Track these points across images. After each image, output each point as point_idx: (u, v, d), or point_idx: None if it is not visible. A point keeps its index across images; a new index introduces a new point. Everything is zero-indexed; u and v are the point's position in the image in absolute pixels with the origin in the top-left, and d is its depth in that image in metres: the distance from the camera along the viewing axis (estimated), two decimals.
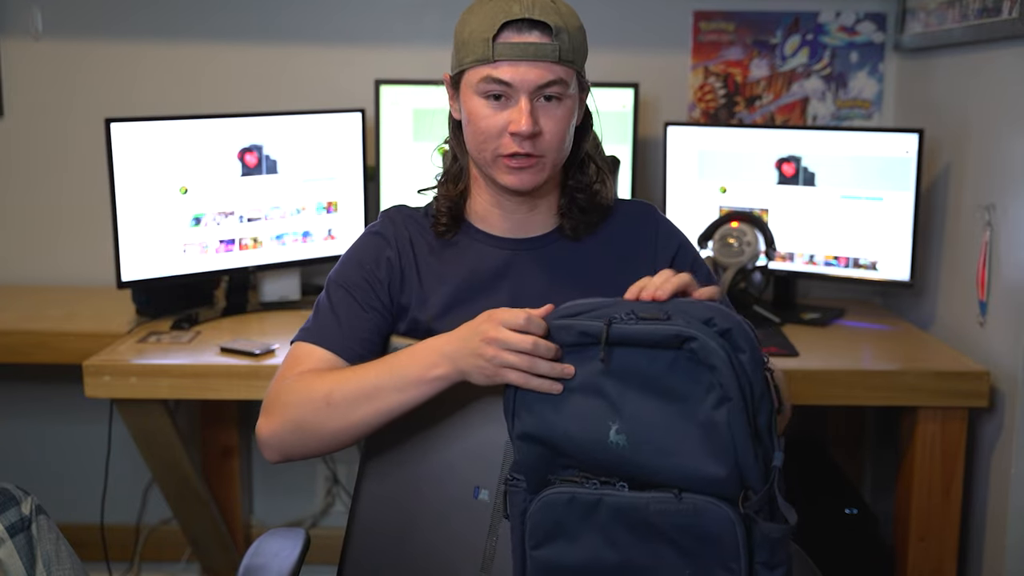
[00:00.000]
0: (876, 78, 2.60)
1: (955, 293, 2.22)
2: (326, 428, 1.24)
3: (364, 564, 1.33)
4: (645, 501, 1.07)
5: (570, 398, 1.10)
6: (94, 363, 2.00)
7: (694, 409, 1.06)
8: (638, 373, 1.07)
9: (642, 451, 1.07)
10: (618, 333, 1.07)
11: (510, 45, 1.23)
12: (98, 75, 2.61)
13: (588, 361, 1.10)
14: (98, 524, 2.56)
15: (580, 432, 1.09)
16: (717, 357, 1.05)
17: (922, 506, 2.04)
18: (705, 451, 1.05)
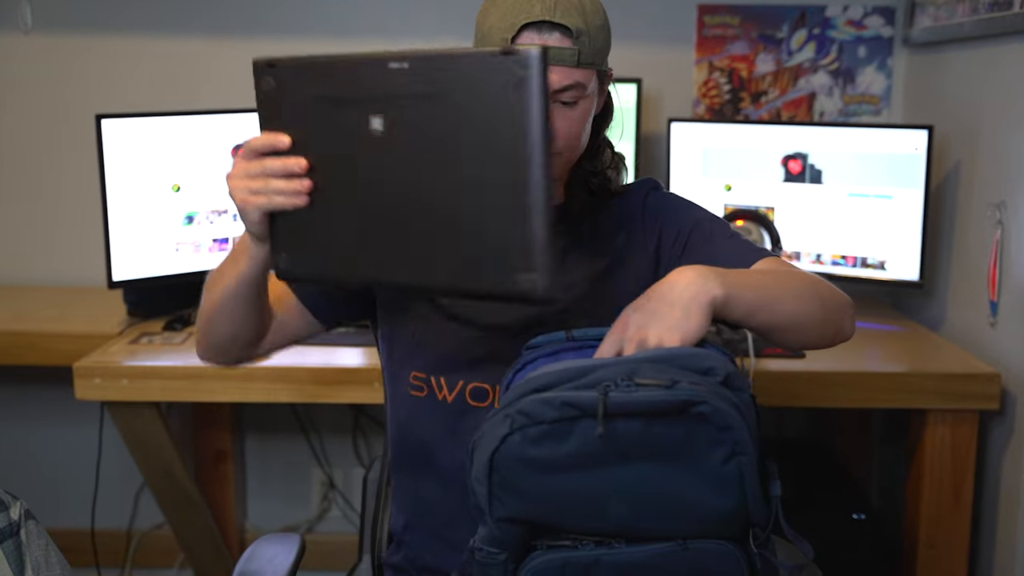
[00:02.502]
0: (884, 73, 2.60)
1: (965, 293, 2.22)
2: (203, 309, 1.30)
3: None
4: (647, 555, 1.03)
5: (560, 478, 1.02)
6: (84, 365, 2.00)
7: (701, 466, 1.02)
8: (636, 441, 1.00)
9: (645, 516, 1.03)
10: (616, 404, 0.99)
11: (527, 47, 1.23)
12: (89, 70, 2.62)
13: (578, 435, 1.00)
14: (88, 529, 2.56)
15: (574, 509, 1.03)
16: (731, 417, 1.00)
17: (931, 511, 2.04)
18: (712, 494, 1.02)
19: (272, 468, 2.79)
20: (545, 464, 1.02)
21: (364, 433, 2.74)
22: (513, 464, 1.03)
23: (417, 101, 0.99)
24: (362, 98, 1.02)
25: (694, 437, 1.00)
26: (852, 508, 2.20)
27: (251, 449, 2.78)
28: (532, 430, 1.02)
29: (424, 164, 1.00)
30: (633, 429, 1.00)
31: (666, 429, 1.00)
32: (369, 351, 2.08)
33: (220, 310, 1.26)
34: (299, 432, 2.73)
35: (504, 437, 1.02)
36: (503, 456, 1.03)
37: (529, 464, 1.02)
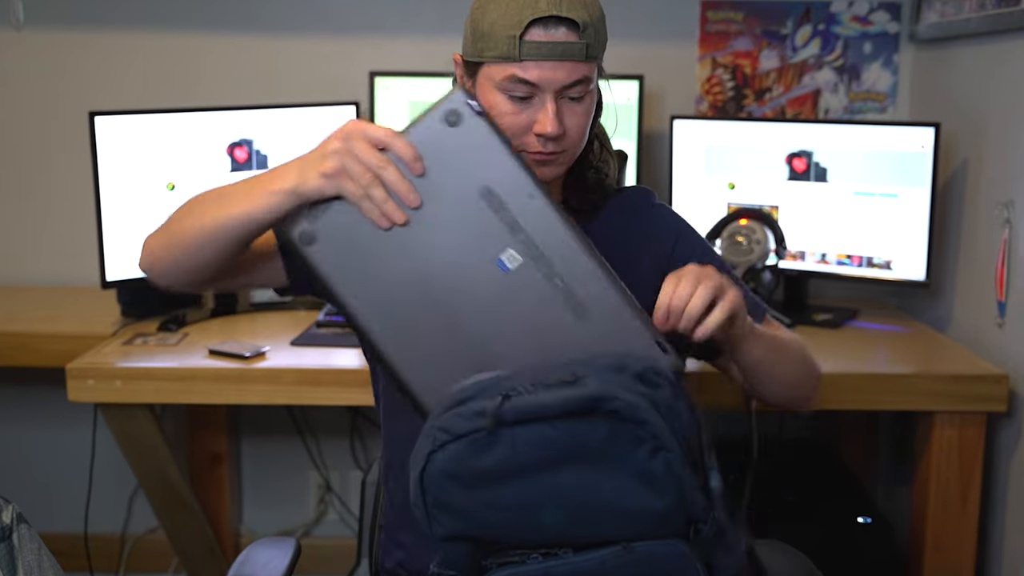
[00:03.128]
0: (890, 70, 2.60)
1: (972, 293, 2.22)
2: (181, 224, 1.23)
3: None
4: (596, 562, 1.03)
5: (488, 491, 1.03)
6: (77, 366, 2.00)
7: (628, 465, 1.02)
8: (554, 446, 1.01)
9: (580, 523, 1.03)
10: (517, 408, 1.00)
11: (537, 44, 1.22)
12: (82, 67, 2.61)
13: (496, 446, 1.02)
14: (82, 533, 2.56)
15: (508, 521, 1.04)
16: (644, 411, 1.01)
17: (938, 514, 2.04)
18: (645, 494, 1.03)
19: (268, 471, 2.78)
20: (470, 478, 1.03)
21: (361, 435, 2.74)
22: (441, 481, 1.04)
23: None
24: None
25: (615, 436, 1.01)
26: (857, 512, 2.20)
27: (247, 452, 2.78)
28: (452, 446, 1.03)
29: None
30: (546, 434, 1.01)
31: (583, 431, 1.01)
32: None
33: (207, 236, 1.19)
34: (295, 434, 2.73)
35: (428, 455, 1.04)
36: (431, 475, 1.04)
37: (455, 480, 1.04)
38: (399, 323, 1.10)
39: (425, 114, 1.09)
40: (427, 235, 1.09)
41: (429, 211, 1.08)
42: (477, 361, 1.09)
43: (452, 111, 1.08)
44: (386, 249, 1.09)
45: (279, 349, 2.10)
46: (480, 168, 1.09)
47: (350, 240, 1.09)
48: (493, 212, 1.09)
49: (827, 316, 2.36)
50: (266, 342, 2.11)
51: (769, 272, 2.29)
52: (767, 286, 2.28)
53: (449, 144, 1.08)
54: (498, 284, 1.09)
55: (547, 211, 1.09)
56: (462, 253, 1.09)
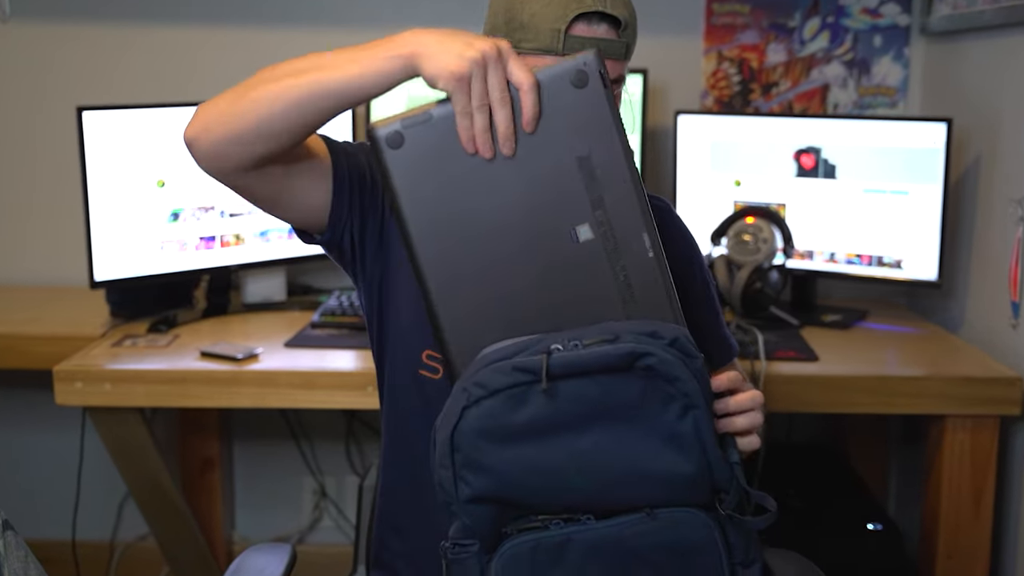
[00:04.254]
0: (901, 63, 2.60)
1: (985, 293, 2.22)
2: (264, 88, 1.15)
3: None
4: (618, 528, 1.07)
5: (521, 449, 1.06)
6: (65, 368, 2.00)
7: (657, 426, 1.06)
8: (592, 403, 1.05)
9: (607, 486, 1.07)
10: (562, 362, 1.04)
11: (581, 40, 1.24)
12: (70, 60, 2.61)
13: (533, 401, 1.05)
14: (70, 540, 2.56)
15: (537, 482, 1.06)
16: (677, 368, 1.05)
17: (950, 521, 2.04)
18: (672, 457, 1.06)
19: (261, 476, 2.79)
20: (504, 435, 1.06)
21: (357, 440, 2.74)
22: (473, 439, 1.06)
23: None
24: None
25: (646, 395, 1.05)
26: (867, 518, 2.20)
27: (239, 457, 2.78)
28: (488, 401, 1.05)
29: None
30: (586, 390, 1.05)
31: (620, 388, 1.05)
32: (362, 354, 2.08)
33: (298, 99, 1.13)
34: (289, 439, 2.73)
35: (462, 411, 1.06)
36: (463, 432, 1.06)
37: (489, 436, 1.06)
38: (453, 257, 1.11)
39: (555, 66, 1.10)
40: (512, 180, 1.10)
41: (523, 157, 1.09)
42: (515, 317, 1.11)
43: (582, 73, 1.09)
44: (467, 180, 1.09)
45: (272, 351, 2.10)
46: (586, 136, 1.10)
47: (435, 160, 1.09)
48: (584, 182, 1.10)
49: (836, 317, 2.36)
50: (259, 343, 2.12)
51: (776, 272, 2.29)
52: (774, 286, 2.28)
53: (566, 101, 1.09)
54: (563, 250, 1.11)
55: (633, 200, 1.11)
56: (540, 209, 1.10)
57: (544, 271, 1.11)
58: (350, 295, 2.36)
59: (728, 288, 2.26)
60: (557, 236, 1.11)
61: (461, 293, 1.11)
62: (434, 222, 1.10)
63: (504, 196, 1.10)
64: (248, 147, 1.17)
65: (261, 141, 1.16)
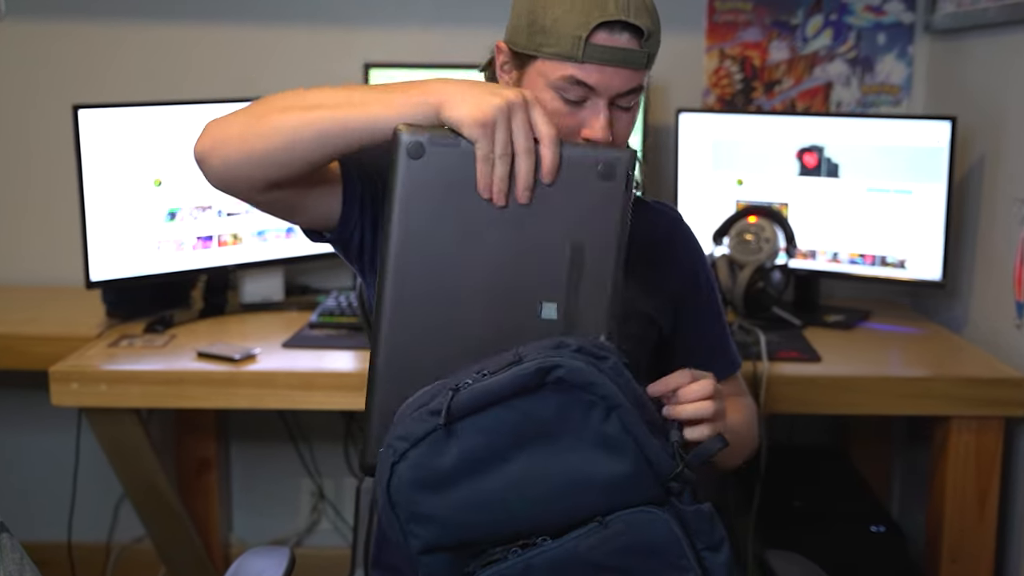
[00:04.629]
0: (905, 61, 2.60)
1: (990, 293, 2.22)
2: (281, 117, 1.15)
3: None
4: (574, 543, 1.06)
5: (457, 491, 1.06)
6: (61, 369, 2.00)
7: (584, 434, 1.05)
8: (512, 428, 1.05)
9: (550, 505, 1.06)
10: (471, 396, 1.04)
11: (602, 48, 1.24)
12: (65, 58, 2.61)
13: (455, 443, 1.05)
14: (65, 542, 2.56)
15: (481, 519, 1.06)
16: (590, 373, 1.04)
17: (955, 524, 2.04)
18: (607, 461, 1.06)
19: (259, 478, 2.78)
20: (437, 481, 1.06)
21: (356, 441, 2.74)
22: (408, 491, 1.06)
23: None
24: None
25: (566, 407, 1.05)
26: (870, 520, 2.20)
27: (236, 458, 2.78)
28: (412, 452, 1.06)
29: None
30: (503, 417, 1.04)
31: (536, 406, 1.05)
32: (361, 355, 2.08)
33: (316, 133, 1.14)
34: (287, 440, 2.73)
35: (392, 467, 1.06)
36: (397, 487, 1.06)
37: (423, 486, 1.06)
38: (418, 282, 1.12)
39: (592, 146, 1.14)
40: (504, 235, 1.11)
41: (523, 217, 1.11)
42: (449, 364, 1.11)
43: (612, 168, 1.10)
44: (463, 219, 1.10)
45: (270, 351, 2.10)
46: (591, 225, 1.11)
47: (445, 186, 1.10)
48: (570, 266, 1.12)
49: (839, 317, 2.36)
50: (257, 344, 2.12)
51: (779, 272, 2.29)
52: (777, 286, 2.28)
53: (585, 185, 1.11)
54: (522, 321, 1.12)
55: (605, 302, 1.12)
56: (518, 274, 1.12)
57: (495, 334, 1.12)
58: (348, 295, 2.36)
59: (730, 288, 2.26)
60: (522, 305, 1.12)
61: (411, 318, 1.12)
62: (417, 239, 1.11)
63: (491, 249, 1.11)
64: (260, 170, 1.18)
65: (277, 167, 1.17)
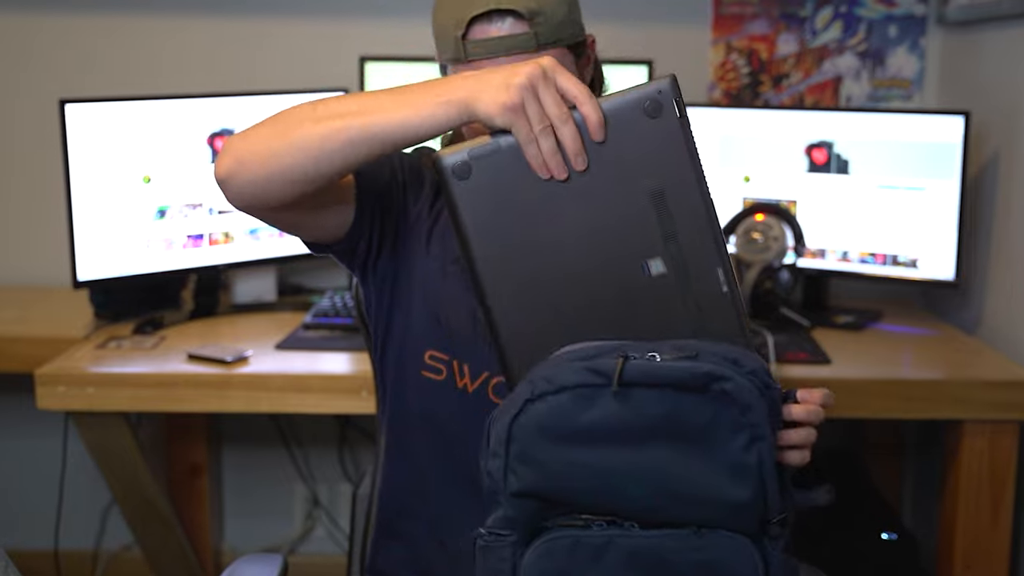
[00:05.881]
0: (917, 55, 2.60)
1: (1005, 293, 2.22)
2: (300, 130, 1.16)
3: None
4: (660, 540, 1.08)
5: (578, 451, 1.07)
6: (47, 372, 2.00)
7: (722, 453, 1.06)
8: (659, 418, 1.06)
9: (660, 502, 1.07)
10: (637, 371, 1.05)
11: (480, 43, 1.25)
12: (51, 51, 2.61)
13: (600, 406, 1.06)
14: (52, 550, 2.56)
15: (589, 487, 1.08)
16: (753, 396, 1.05)
17: (968, 531, 2.04)
18: (731, 486, 1.07)
19: (251, 484, 2.79)
20: (565, 434, 1.06)
21: (351, 446, 2.74)
22: (532, 433, 1.07)
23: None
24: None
25: (717, 420, 1.05)
26: (881, 527, 2.20)
27: (228, 463, 2.78)
28: (553, 397, 1.06)
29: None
30: (655, 403, 1.05)
31: (692, 409, 1.05)
32: (356, 357, 2.08)
33: (341, 143, 1.14)
34: (280, 445, 2.73)
35: (525, 403, 1.07)
36: (522, 424, 1.07)
37: (548, 433, 1.06)
38: (521, 293, 1.12)
39: (627, 91, 1.10)
40: (581, 211, 1.10)
41: (592, 188, 1.10)
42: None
43: (656, 103, 1.08)
44: (536, 212, 1.10)
45: (263, 353, 2.10)
46: (660, 168, 1.10)
47: (503, 190, 1.10)
48: (656, 216, 1.10)
49: (849, 318, 2.36)
50: (249, 346, 2.12)
51: (787, 271, 2.29)
52: (785, 286, 2.28)
53: (639, 131, 1.09)
54: (634, 284, 1.11)
55: (708, 236, 1.12)
56: (610, 243, 1.11)
57: (614, 304, 1.11)
58: (343, 295, 2.36)
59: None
60: (628, 269, 1.11)
61: (526, 324, 1.12)
62: (502, 251, 1.11)
63: (574, 229, 1.10)
64: (287, 187, 1.18)
65: (304, 183, 1.18)
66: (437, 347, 1.36)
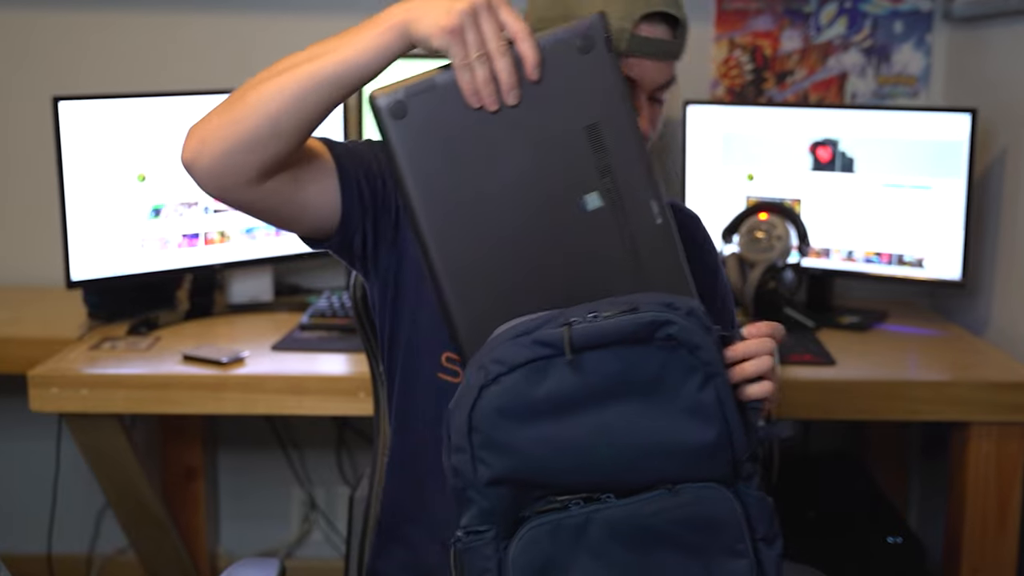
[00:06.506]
0: (923, 51, 2.60)
1: (1012, 293, 2.22)
2: (255, 93, 1.16)
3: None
4: (638, 506, 1.10)
5: (541, 426, 1.08)
6: (40, 373, 2.00)
7: (680, 397, 1.09)
8: (614, 376, 1.08)
9: (632, 461, 1.09)
10: (583, 334, 1.06)
11: (645, 41, 1.25)
12: (45, 48, 2.61)
13: (553, 376, 1.07)
14: (45, 554, 2.56)
15: (560, 460, 1.09)
16: (698, 335, 1.07)
17: (975, 535, 2.04)
18: (695, 428, 1.09)
19: (247, 487, 2.79)
20: (525, 412, 1.08)
21: (349, 448, 2.74)
22: (492, 417, 1.08)
23: None
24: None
25: (669, 366, 1.08)
26: (887, 531, 2.20)
27: (224, 466, 2.78)
28: (507, 377, 1.07)
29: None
30: (607, 363, 1.07)
31: (642, 359, 1.07)
32: (354, 358, 2.08)
33: (295, 96, 1.14)
34: (277, 447, 2.73)
35: (481, 389, 1.08)
36: (481, 411, 1.08)
37: (508, 415, 1.08)
38: (459, 230, 1.13)
39: (558, 29, 1.12)
40: (518, 149, 1.12)
41: (528, 125, 1.11)
42: (524, 288, 1.13)
43: (588, 39, 1.11)
44: (473, 151, 1.11)
45: (259, 354, 2.10)
46: (594, 103, 1.12)
47: (440, 129, 1.11)
48: (592, 150, 1.13)
49: (854, 318, 2.37)
50: (245, 346, 2.12)
51: (791, 271, 2.29)
52: (789, 286, 2.28)
53: (572, 67, 1.11)
54: (571, 220, 1.13)
55: (640, 168, 1.14)
56: (547, 179, 1.13)
57: (552, 241, 1.13)
58: (341, 295, 2.36)
59: (740, 288, 2.26)
60: (565, 206, 1.13)
61: (468, 265, 1.13)
62: (440, 194, 1.12)
63: (513, 164, 1.12)
64: (253, 154, 1.17)
65: (264, 144, 1.16)
66: (454, 349, 1.36)
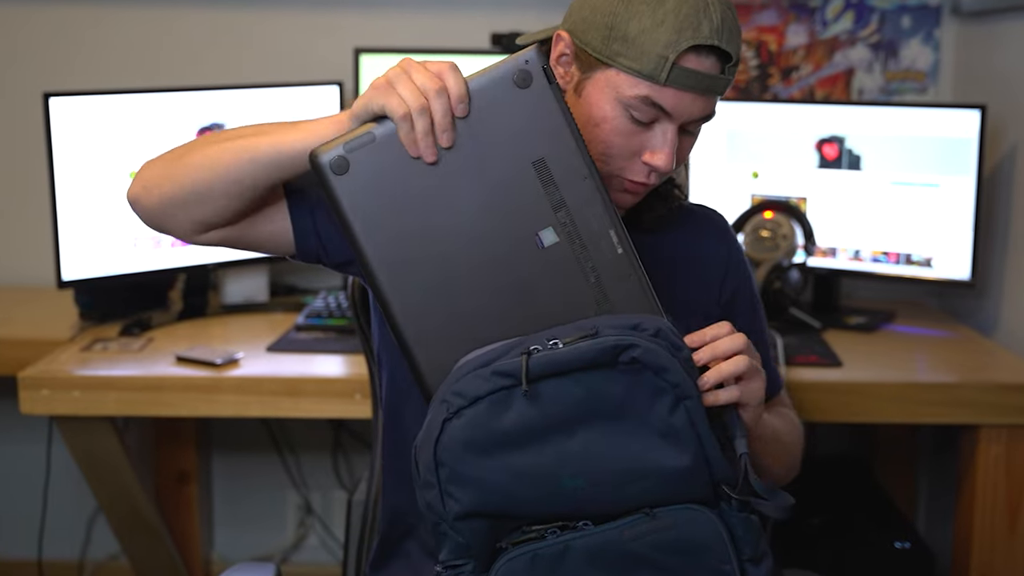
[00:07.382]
0: (931, 46, 2.60)
1: (1022, 294, 2.22)
2: (202, 152, 1.22)
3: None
4: (616, 532, 1.09)
5: (507, 456, 1.08)
6: (31, 375, 2.00)
7: (648, 421, 1.08)
8: (577, 403, 1.07)
9: (602, 488, 1.08)
10: (542, 363, 1.07)
11: (687, 73, 1.22)
12: (35, 43, 2.61)
13: (515, 407, 1.07)
14: (35, 560, 2.56)
15: (528, 490, 1.08)
16: (664, 358, 1.07)
17: (984, 540, 2.04)
18: (667, 452, 1.08)
19: (242, 491, 2.79)
20: (489, 444, 1.08)
21: (345, 451, 2.74)
22: (457, 451, 1.08)
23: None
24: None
25: (634, 390, 1.07)
26: (894, 536, 2.20)
27: (218, 469, 2.78)
28: (469, 410, 1.08)
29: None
30: (569, 390, 1.07)
31: (605, 384, 1.07)
32: (351, 359, 2.08)
33: (241, 167, 1.19)
34: (272, 450, 2.73)
35: (443, 422, 1.08)
36: (446, 446, 1.08)
37: (473, 448, 1.08)
38: (417, 278, 1.13)
39: (494, 66, 1.12)
40: (468, 192, 1.12)
41: (474, 166, 1.12)
42: (486, 332, 1.13)
43: (525, 72, 1.11)
44: (421, 198, 1.12)
45: (254, 355, 2.10)
46: (538, 137, 1.12)
47: (383, 181, 1.11)
48: (542, 185, 1.13)
49: (861, 319, 2.37)
50: (240, 348, 2.12)
51: (797, 270, 2.29)
52: (794, 286, 2.28)
53: (511, 103, 1.11)
54: (529, 258, 1.13)
55: (595, 197, 1.14)
56: (500, 219, 1.13)
57: (512, 282, 1.13)
58: (337, 296, 2.37)
59: None
60: (521, 244, 1.13)
61: (428, 313, 1.13)
62: (392, 244, 1.12)
63: (462, 210, 1.12)
64: (185, 212, 1.24)
65: (195, 205, 1.23)
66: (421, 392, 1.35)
